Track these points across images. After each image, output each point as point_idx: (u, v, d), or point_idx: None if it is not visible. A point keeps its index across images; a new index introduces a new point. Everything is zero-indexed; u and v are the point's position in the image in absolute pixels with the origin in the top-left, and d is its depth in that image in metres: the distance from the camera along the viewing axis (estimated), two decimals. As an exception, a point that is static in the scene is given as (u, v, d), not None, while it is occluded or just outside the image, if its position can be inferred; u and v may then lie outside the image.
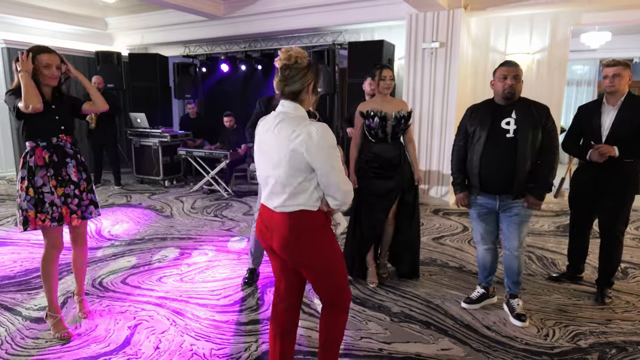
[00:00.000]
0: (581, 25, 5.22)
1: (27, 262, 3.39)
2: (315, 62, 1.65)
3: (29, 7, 6.85)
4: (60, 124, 2.32)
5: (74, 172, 2.36)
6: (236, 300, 2.78)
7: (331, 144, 1.52)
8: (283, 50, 1.59)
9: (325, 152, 1.51)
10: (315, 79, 1.62)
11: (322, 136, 1.50)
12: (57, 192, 2.28)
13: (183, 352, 2.20)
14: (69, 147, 2.36)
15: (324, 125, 1.53)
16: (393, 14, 5.61)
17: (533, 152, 2.37)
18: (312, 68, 1.61)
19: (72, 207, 2.34)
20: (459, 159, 2.59)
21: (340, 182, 1.55)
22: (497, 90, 2.42)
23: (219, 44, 7.73)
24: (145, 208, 5.22)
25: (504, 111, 2.41)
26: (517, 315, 2.50)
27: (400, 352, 2.20)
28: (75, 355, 2.16)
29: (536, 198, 2.39)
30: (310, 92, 1.63)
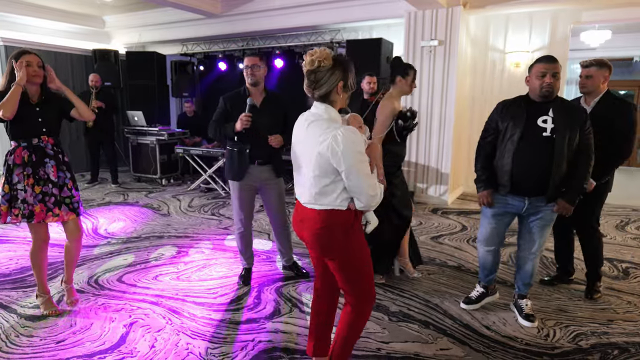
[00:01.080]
0: (581, 24, 5.21)
1: (22, 260, 3.36)
2: (342, 60, 1.60)
3: (27, 5, 6.80)
4: (42, 126, 2.40)
5: (53, 171, 2.42)
6: (233, 299, 2.76)
7: (357, 149, 1.52)
8: (307, 55, 1.58)
9: (351, 157, 1.51)
10: (344, 78, 1.59)
11: (347, 141, 1.50)
12: (35, 190, 2.36)
13: (179, 350, 2.17)
14: (50, 148, 2.43)
15: (351, 129, 1.52)
16: (391, 12, 5.59)
17: (570, 154, 2.25)
18: (338, 67, 1.57)
19: (48, 205, 2.40)
20: (485, 155, 2.46)
21: (365, 187, 1.55)
22: (534, 88, 2.28)
23: (217, 42, 7.70)
24: (142, 206, 5.19)
25: (541, 109, 2.28)
26: (526, 316, 2.46)
27: (398, 352, 2.18)
28: (70, 353, 2.13)
29: (568, 202, 2.28)
30: (341, 92, 1.61)
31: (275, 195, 2.92)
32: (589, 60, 2.67)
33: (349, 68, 1.61)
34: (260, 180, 2.84)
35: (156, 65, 7.61)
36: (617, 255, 3.63)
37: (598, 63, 2.63)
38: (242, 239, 2.97)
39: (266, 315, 2.54)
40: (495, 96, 5.23)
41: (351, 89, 1.64)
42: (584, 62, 2.68)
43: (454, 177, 5.59)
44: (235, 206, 2.91)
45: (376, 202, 1.60)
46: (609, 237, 4.12)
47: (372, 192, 1.57)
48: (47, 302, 2.54)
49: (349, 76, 1.61)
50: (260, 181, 2.85)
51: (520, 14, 5.22)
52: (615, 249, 3.79)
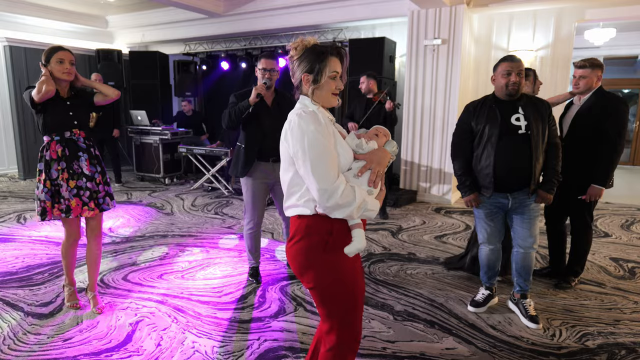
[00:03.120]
0: (585, 22, 5.19)
1: (28, 258, 3.37)
2: (314, 48, 1.38)
3: (31, 5, 6.83)
4: (73, 119, 2.43)
5: (87, 165, 2.44)
6: (237, 298, 2.76)
7: (309, 129, 1.29)
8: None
9: (300, 138, 1.29)
10: (310, 69, 1.37)
11: (300, 120, 1.31)
12: (70, 185, 2.38)
13: (185, 349, 2.18)
14: (82, 141, 2.45)
15: (309, 112, 1.33)
16: (394, 11, 5.58)
17: (543, 146, 2.35)
18: (306, 57, 1.37)
19: (84, 199, 2.42)
20: (465, 159, 2.49)
21: (312, 176, 1.28)
22: (500, 86, 2.36)
23: (219, 42, 7.70)
24: (145, 205, 5.20)
25: (511, 107, 2.35)
26: (531, 317, 2.45)
27: (404, 351, 2.18)
28: (77, 351, 2.14)
29: (547, 192, 2.37)
30: (309, 85, 1.39)
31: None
32: (583, 61, 2.76)
33: (321, 58, 1.36)
34: (274, 177, 2.85)
35: (159, 65, 7.63)
36: (623, 255, 3.61)
37: (592, 64, 2.71)
38: (253, 238, 2.96)
39: (271, 314, 2.55)
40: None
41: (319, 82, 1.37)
42: (578, 63, 2.76)
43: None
44: (248, 204, 2.90)
45: (331, 202, 1.27)
46: (614, 237, 4.10)
47: (324, 186, 1.26)
48: (71, 295, 2.61)
49: (323, 68, 1.36)
50: (274, 178, 2.85)
51: (524, 12, 5.20)
52: (620, 248, 3.78)
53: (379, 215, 4.72)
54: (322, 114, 1.39)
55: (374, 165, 1.39)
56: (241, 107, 2.70)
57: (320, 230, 1.36)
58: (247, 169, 2.79)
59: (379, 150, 1.46)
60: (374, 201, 1.36)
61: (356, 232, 1.39)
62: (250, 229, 2.94)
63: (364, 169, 1.38)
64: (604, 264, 3.38)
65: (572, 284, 2.92)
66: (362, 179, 1.38)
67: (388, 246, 3.80)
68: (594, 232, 4.19)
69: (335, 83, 1.41)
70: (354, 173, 1.39)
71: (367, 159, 1.40)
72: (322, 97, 1.41)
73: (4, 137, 7.10)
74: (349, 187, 1.31)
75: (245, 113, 2.70)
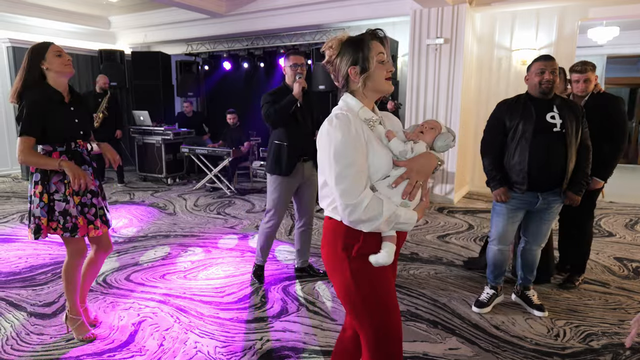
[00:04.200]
0: (588, 20, 5.16)
1: (32, 259, 3.38)
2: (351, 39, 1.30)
3: (34, 6, 6.85)
4: (79, 128, 2.13)
5: (91, 180, 2.14)
6: (240, 298, 2.76)
7: (336, 137, 1.21)
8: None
9: (327, 146, 1.23)
10: (354, 60, 1.28)
11: (329, 127, 1.23)
12: (74, 201, 2.09)
13: (187, 349, 2.18)
14: (86, 153, 2.19)
15: (342, 117, 1.24)
16: (397, 10, 5.57)
17: (576, 146, 2.34)
18: (346, 49, 1.29)
19: (89, 217, 2.15)
20: (495, 155, 2.48)
21: (335, 188, 1.21)
22: (534, 84, 2.34)
23: (222, 42, 7.71)
24: (148, 205, 5.21)
25: (546, 105, 2.34)
26: (537, 306, 2.52)
27: (407, 351, 2.17)
28: (80, 351, 2.14)
29: (576, 194, 2.37)
30: (358, 77, 1.29)
31: (312, 191, 2.95)
32: (583, 64, 2.78)
33: (360, 47, 1.27)
34: (304, 176, 2.85)
35: (161, 65, 7.65)
36: (627, 254, 3.59)
37: (591, 66, 2.78)
38: (269, 236, 2.93)
39: (274, 315, 2.54)
40: (501, 94, 5.19)
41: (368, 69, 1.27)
42: (580, 68, 2.77)
43: (460, 176, 5.56)
44: (274, 202, 2.85)
45: (355, 219, 1.19)
46: (618, 236, 4.08)
47: (347, 201, 1.18)
48: (80, 327, 2.25)
49: (367, 54, 1.27)
50: (304, 178, 2.86)
51: (526, 11, 5.18)
52: (625, 248, 3.76)
53: None
54: (365, 115, 1.29)
55: (412, 174, 1.25)
56: (287, 102, 2.69)
57: (348, 235, 1.28)
58: (291, 167, 2.77)
59: (423, 156, 1.30)
60: (408, 214, 1.25)
61: (385, 245, 1.28)
62: (269, 227, 2.90)
63: (400, 179, 1.25)
64: (608, 264, 3.36)
65: (576, 283, 2.92)
66: (398, 188, 1.26)
67: (390, 246, 3.79)
68: (598, 231, 4.18)
69: (385, 66, 1.30)
70: (388, 182, 1.26)
71: (407, 167, 1.26)
72: (376, 86, 1.30)
73: (7, 137, 7.13)
74: (375, 201, 1.20)
75: (292, 107, 2.71)
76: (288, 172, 2.78)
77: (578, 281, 2.94)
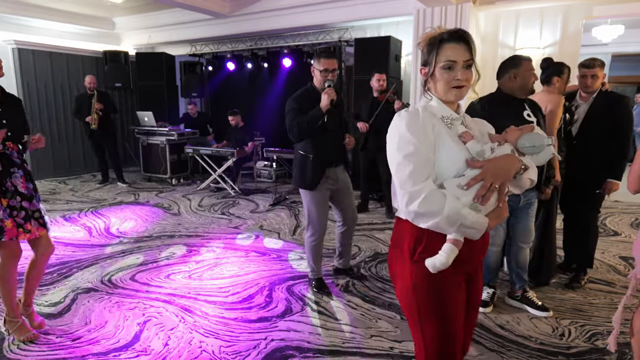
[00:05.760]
0: (593, 19, 5.13)
1: (36, 260, 3.41)
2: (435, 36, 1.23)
3: (38, 7, 6.90)
4: (7, 130, 2.09)
5: (22, 182, 2.14)
6: (244, 298, 2.77)
7: (401, 128, 1.17)
8: None
9: (392, 137, 1.20)
10: (424, 58, 1.24)
11: (397, 118, 1.21)
12: (2, 203, 2.07)
13: (192, 349, 2.19)
14: (16, 156, 2.15)
15: (412, 110, 1.21)
16: (400, 10, 5.56)
17: None
18: (427, 47, 1.24)
19: (18, 221, 2.11)
20: None
21: (398, 177, 1.17)
22: (525, 84, 2.34)
23: (225, 43, 7.73)
24: (152, 206, 5.23)
25: (521, 104, 2.37)
26: (541, 307, 2.53)
27: (411, 351, 2.16)
28: (86, 351, 2.16)
29: (547, 187, 2.50)
30: (426, 76, 1.25)
31: (349, 193, 2.87)
32: (590, 60, 2.78)
33: (432, 47, 1.22)
34: (337, 181, 2.75)
35: (165, 66, 7.67)
36: (632, 253, 3.56)
37: (600, 63, 2.78)
38: (317, 249, 2.82)
39: (278, 314, 2.55)
40: (505, 93, 5.16)
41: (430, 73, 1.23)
42: (589, 63, 2.78)
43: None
44: (312, 215, 2.74)
45: (413, 209, 1.13)
46: (623, 236, 4.06)
47: (406, 187, 1.14)
48: (20, 328, 2.25)
49: (435, 57, 1.21)
50: (337, 183, 2.75)
51: (530, 9, 5.15)
52: (630, 247, 3.73)
53: (385, 215, 4.71)
54: (442, 112, 1.24)
55: (487, 176, 1.15)
56: (313, 117, 2.50)
57: (414, 237, 1.22)
58: (317, 181, 2.64)
59: (502, 157, 1.19)
60: (478, 218, 1.14)
61: (446, 247, 1.17)
62: (314, 240, 2.80)
63: (474, 180, 1.15)
64: (613, 263, 3.34)
65: (582, 282, 2.91)
66: (470, 190, 1.16)
67: (394, 246, 3.78)
68: (604, 230, 4.15)
69: (451, 74, 1.20)
70: (460, 182, 1.17)
71: (483, 167, 1.17)
72: (439, 91, 1.24)
73: (13, 138, 7.17)
74: (437, 194, 1.13)
75: (319, 121, 2.51)
76: (313, 186, 2.65)
77: (584, 280, 2.93)
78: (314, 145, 2.63)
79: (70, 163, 7.37)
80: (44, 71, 6.90)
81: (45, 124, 6.98)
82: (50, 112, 7.05)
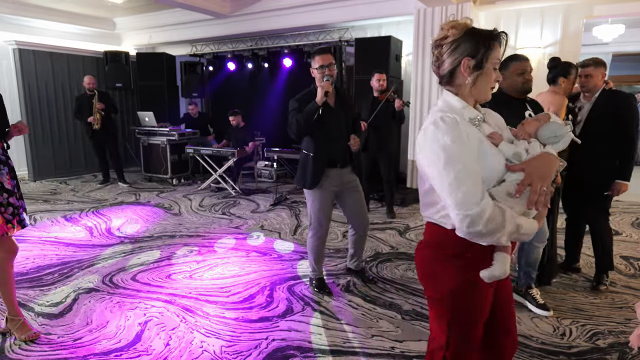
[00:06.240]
0: (593, 18, 5.13)
1: (39, 259, 3.41)
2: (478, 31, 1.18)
3: (39, 8, 6.91)
4: None
5: (7, 179, 2.15)
6: (245, 298, 2.77)
7: (445, 142, 1.09)
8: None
9: (436, 153, 1.10)
10: (474, 52, 1.15)
11: (436, 131, 1.11)
12: None
13: (193, 349, 2.19)
14: (1, 152, 2.16)
15: (449, 120, 1.11)
16: (401, 10, 5.56)
17: None
18: (467, 38, 1.16)
19: (6, 216, 2.12)
20: None
21: (448, 197, 1.09)
22: (516, 84, 2.35)
23: (226, 43, 7.73)
24: (153, 206, 5.23)
25: (522, 104, 2.37)
26: (542, 306, 2.54)
27: (412, 351, 2.17)
28: (87, 351, 2.16)
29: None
30: (469, 72, 1.17)
31: (358, 197, 2.81)
32: (585, 60, 2.80)
33: (484, 41, 1.15)
34: (342, 183, 2.71)
35: (166, 66, 7.68)
36: (634, 253, 3.57)
37: (595, 62, 2.76)
38: (319, 250, 2.81)
39: (279, 314, 2.55)
40: (506, 93, 5.16)
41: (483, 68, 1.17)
42: (582, 63, 2.80)
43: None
44: (315, 216, 2.72)
45: (475, 231, 1.06)
46: (624, 235, 4.05)
47: (465, 211, 1.05)
48: (22, 327, 2.24)
49: (488, 52, 1.15)
50: (342, 185, 2.71)
51: (531, 9, 5.15)
52: (631, 246, 3.73)
53: (386, 215, 4.71)
54: (469, 114, 1.19)
55: (534, 180, 1.10)
56: (309, 111, 2.50)
57: (456, 244, 1.17)
58: (317, 179, 2.62)
59: (540, 158, 1.15)
60: (531, 224, 1.12)
61: (499, 257, 1.15)
62: (315, 240, 2.78)
63: (522, 186, 1.10)
64: (615, 263, 3.33)
65: (606, 284, 2.85)
66: (521, 198, 1.11)
67: (395, 245, 3.79)
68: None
69: (496, 73, 1.21)
70: (507, 190, 1.12)
71: (525, 171, 1.11)
72: (480, 90, 1.20)
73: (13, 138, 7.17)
74: (497, 212, 1.07)
75: (315, 115, 2.50)
76: (313, 184, 2.63)
77: (607, 282, 2.86)
78: (315, 144, 2.64)
79: (71, 163, 7.38)
80: (44, 71, 6.90)
81: (46, 124, 6.99)
82: (51, 113, 7.06)
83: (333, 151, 2.65)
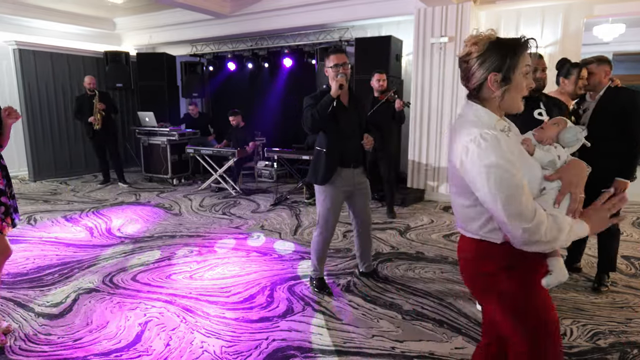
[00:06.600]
0: (594, 17, 5.12)
1: (39, 260, 3.41)
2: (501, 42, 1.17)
3: (39, 8, 6.91)
4: None
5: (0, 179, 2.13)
6: (246, 298, 2.77)
7: (491, 162, 1.10)
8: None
9: (483, 174, 1.11)
10: (499, 67, 1.15)
11: (479, 151, 1.11)
12: None
13: (193, 349, 2.19)
14: None
15: (490, 138, 1.11)
16: (401, 9, 5.56)
17: None
18: (492, 53, 1.16)
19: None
20: None
21: (502, 212, 1.10)
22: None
23: (226, 43, 7.73)
24: (154, 206, 5.23)
25: (532, 102, 2.32)
26: None
27: (413, 351, 2.16)
28: (87, 351, 2.16)
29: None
30: (496, 87, 1.17)
31: (366, 198, 2.85)
32: (588, 57, 2.78)
33: (509, 53, 1.15)
34: (354, 183, 2.72)
35: (166, 66, 7.68)
36: (634, 252, 3.56)
37: (597, 59, 2.74)
38: (323, 249, 2.81)
39: (279, 314, 2.55)
40: (506, 92, 5.16)
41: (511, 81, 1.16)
42: (584, 61, 2.78)
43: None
44: (323, 213, 2.72)
45: (535, 241, 1.09)
46: (625, 235, 4.05)
47: (524, 225, 1.08)
48: None
49: (515, 63, 1.15)
50: (354, 185, 2.73)
51: (531, 8, 5.14)
52: (632, 246, 3.73)
53: (386, 215, 4.71)
54: (499, 126, 1.19)
55: (572, 189, 1.13)
56: (324, 104, 2.53)
57: (506, 256, 1.19)
58: (329, 176, 2.63)
59: (573, 166, 1.18)
60: (581, 227, 1.16)
61: (554, 262, 1.20)
62: (321, 240, 2.78)
63: (561, 196, 1.15)
64: (616, 263, 3.34)
65: (608, 285, 2.84)
66: (561, 206, 1.16)
67: (396, 245, 3.78)
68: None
69: (527, 80, 1.19)
70: (550, 197, 1.16)
71: (564, 180, 1.14)
72: (511, 101, 1.20)
73: (14, 139, 7.14)
74: (551, 221, 1.10)
75: (329, 108, 2.53)
76: (324, 180, 2.64)
77: (608, 282, 2.85)
78: (328, 140, 2.67)
79: (72, 163, 7.38)
80: (45, 72, 6.90)
81: (46, 124, 7.00)
82: (52, 113, 7.06)
83: (346, 148, 2.67)
